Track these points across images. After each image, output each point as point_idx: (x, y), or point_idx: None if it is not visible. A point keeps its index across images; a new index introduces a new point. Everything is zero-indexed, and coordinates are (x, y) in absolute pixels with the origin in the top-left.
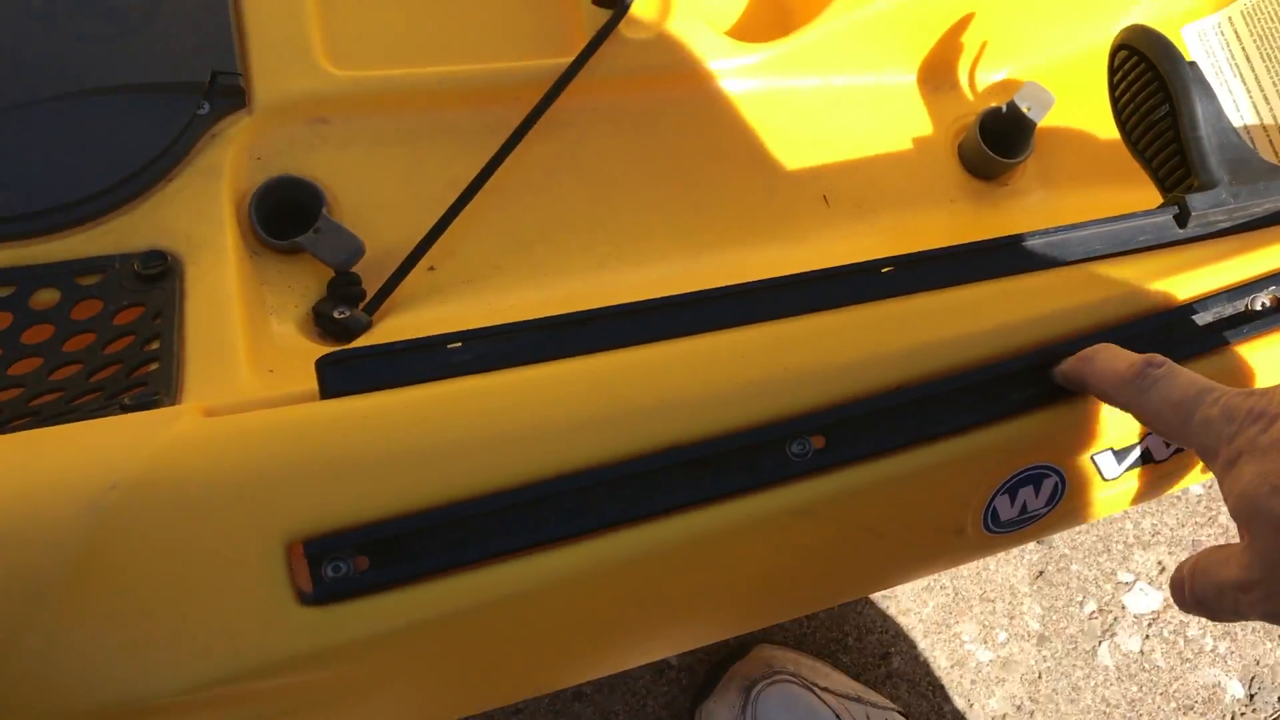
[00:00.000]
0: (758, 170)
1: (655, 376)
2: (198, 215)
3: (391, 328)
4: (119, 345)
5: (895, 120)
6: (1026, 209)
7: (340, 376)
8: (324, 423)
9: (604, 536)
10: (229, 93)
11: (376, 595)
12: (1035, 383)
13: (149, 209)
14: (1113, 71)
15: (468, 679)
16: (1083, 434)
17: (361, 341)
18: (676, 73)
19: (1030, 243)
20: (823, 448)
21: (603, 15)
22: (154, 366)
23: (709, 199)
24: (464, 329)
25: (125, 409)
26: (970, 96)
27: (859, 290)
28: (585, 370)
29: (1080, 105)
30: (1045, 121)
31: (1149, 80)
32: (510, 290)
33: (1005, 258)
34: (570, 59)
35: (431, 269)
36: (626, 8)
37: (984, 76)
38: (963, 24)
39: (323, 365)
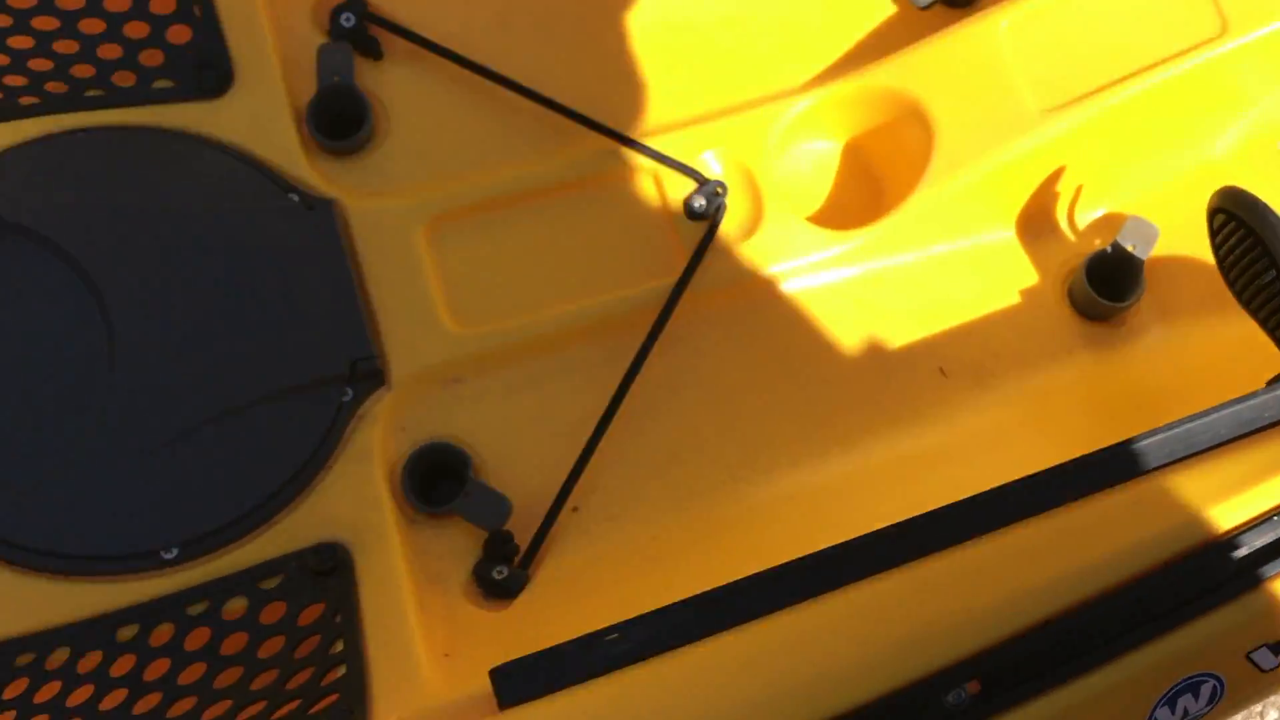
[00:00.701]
0: (869, 354)
1: (805, 645)
2: (357, 500)
3: (548, 577)
4: (308, 647)
5: (1000, 278)
6: (1148, 350)
7: (513, 687)
8: None
9: None
10: (368, 375)
11: None
12: (1189, 593)
13: (313, 502)
14: (1213, 234)
15: None
16: (1240, 637)
17: (525, 595)
18: (777, 273)
19: (1155, 439)
20: (979, 693)
21: (699, 229)
22: (341, 671)
23: (826, 392)
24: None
25: None
26: (1072, 238)
27: (989, 518)
28: (736, 648)
29: (1187, 232)
30: (1153, 253)
31: (1251, 245)
32: (652, 520)
33: (1133, 461)
34: (674, 278)
35: (575, 509)
36: (719, 222)
37: (1084, 216)
38: (1057, 172)
39: (496, 677)
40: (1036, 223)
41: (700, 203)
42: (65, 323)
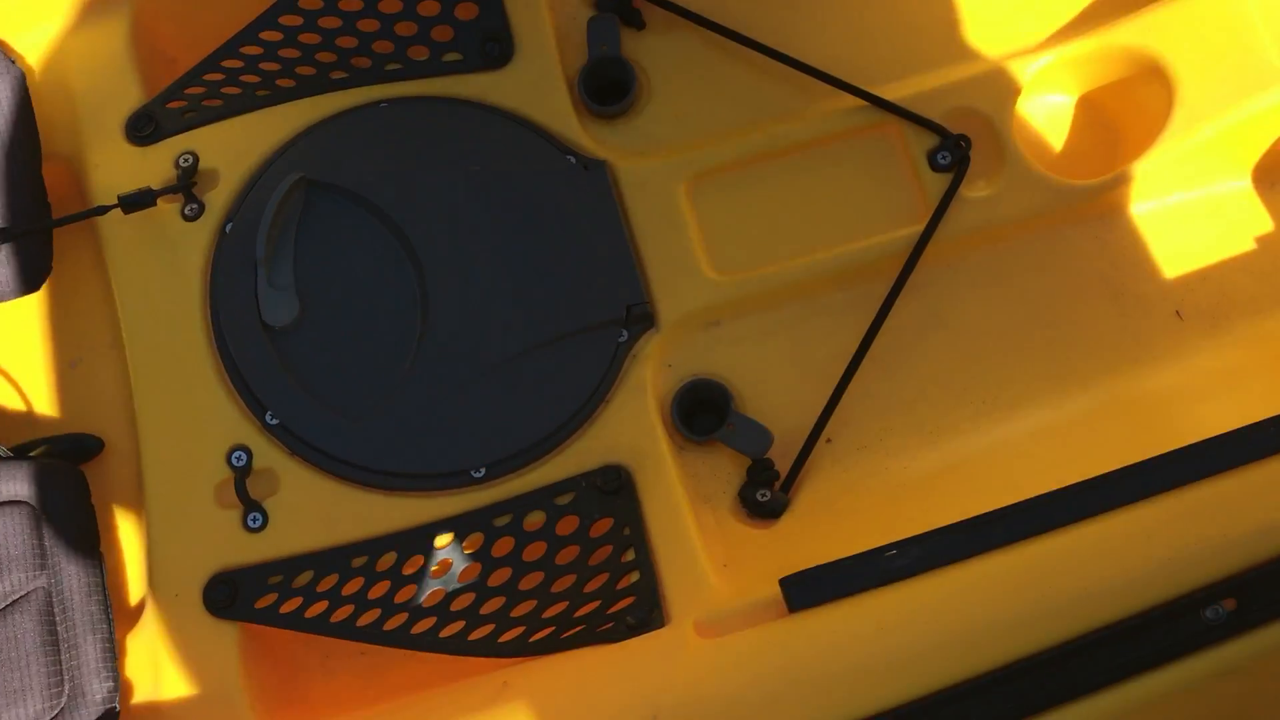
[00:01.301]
0: (1107, 298)
1: (1070, 565)
2: (635, 428)
3: (807, 500)
4: (600, 555)
5: (1236, 226)
6: None
7: (803, 594)
8: (804, 641)
9: (1055, 713)
10: (640, 318)
11: None
12: None
13: (597, 429)
14: None
15: None
16: None
17: (786, 516)
18: (1017, 221)
19: None
20: (1235, 610)
21: (943, 181)
22: (635, 576)
23: (1065, 334)
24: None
25: (631, 628)
26: None
27: (1246, 451)
28: (1006, 567)
29: None
30: None
31: None
32: (902, 452)
33: None
34: (918, 227)
35: (829, 441)
36: (963, 174)
37: None
38: None
39: (786, 585)
40: (1274, 172)
41: (944, 156)
42: (385, 272)
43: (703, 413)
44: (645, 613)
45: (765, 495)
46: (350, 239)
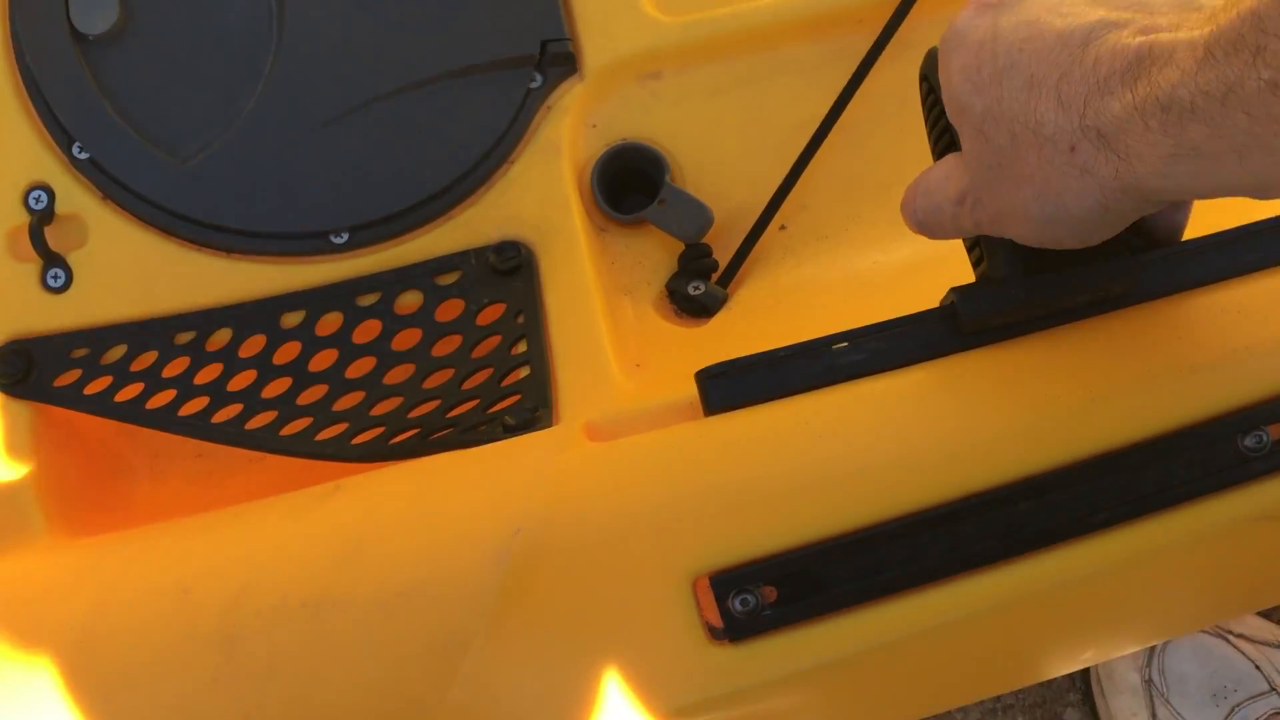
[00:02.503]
0: None
1: (1074, 363)
2: (543, 197)
3: (748, 298)
4: (486, 347)
5: None
6: None
7: (724, 391)
8: (714, 447)
9: (1035, 557)
10: (559, 60)
11: (788, 630)
12: None
13: (495, 196)
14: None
15: (874, 708)
16: None
17: (722, 315)
18: None
19: None
20: None
21: None
22: (525, 372)
23: None
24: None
25: (509, 429)
26: None
27: None
28: (990, 364)
29: None
30: None
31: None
32: (870, 245)
33: None
34: None
35: (783, 228)
36: None
37: None
38: None
39: (704, 379)
40: None
41: None
42: None
43: (632, 186)
44: (529, 412)
45: (699, 288)
46: None
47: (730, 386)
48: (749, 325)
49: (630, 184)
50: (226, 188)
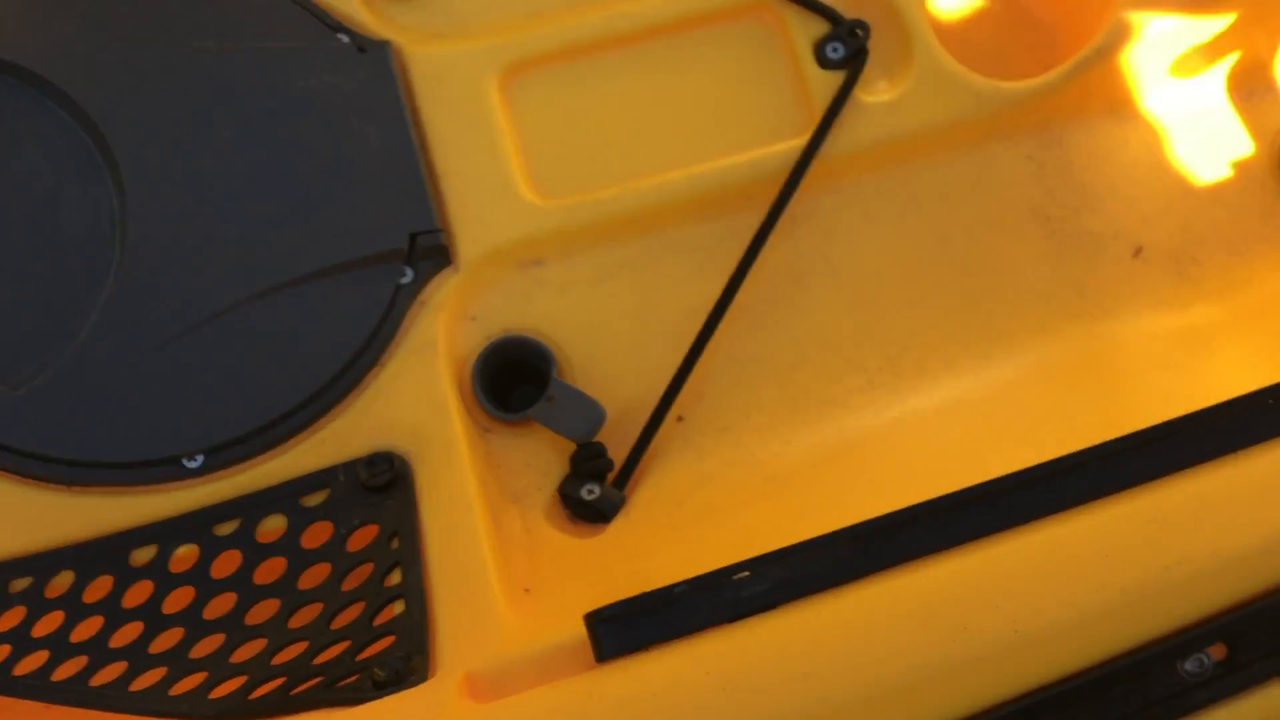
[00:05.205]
0: (1044, 234)
1: (994, 589)
2: (419, 401)
3: (648, 499)
4: (358, 577)
5: (1205, 145)
6: None
7: (617, 636)
8: (614, 705)
9: None
10: (432, 253)
11: None
12: None
13: (366, 403)
14: None
15: None
16: None
17: (620, 520)
18: (929, 134)
19: None
20: (1225, 658)
21: (834, 80)
22: (399, 607)
23: (988, 281)
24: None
25: (379, 685)
26: None
27: (1232, 435)
28: (909, 593)
29: None
30: None
31: None
32: (772, 433)
33: None
34: (802, 141)
35: (680, 419)
36: (859, 70)
37: None
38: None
39: (595, 624)
40: (1252, 79)
41: (835, 48)
42: (67, 183)
43: (517, 381)
44: (401, 663)
45: (593, 492)
46: (21, 134)
47: (624, 631)
48: (649, 532)
49: (517, 376)
50: (64, 415)
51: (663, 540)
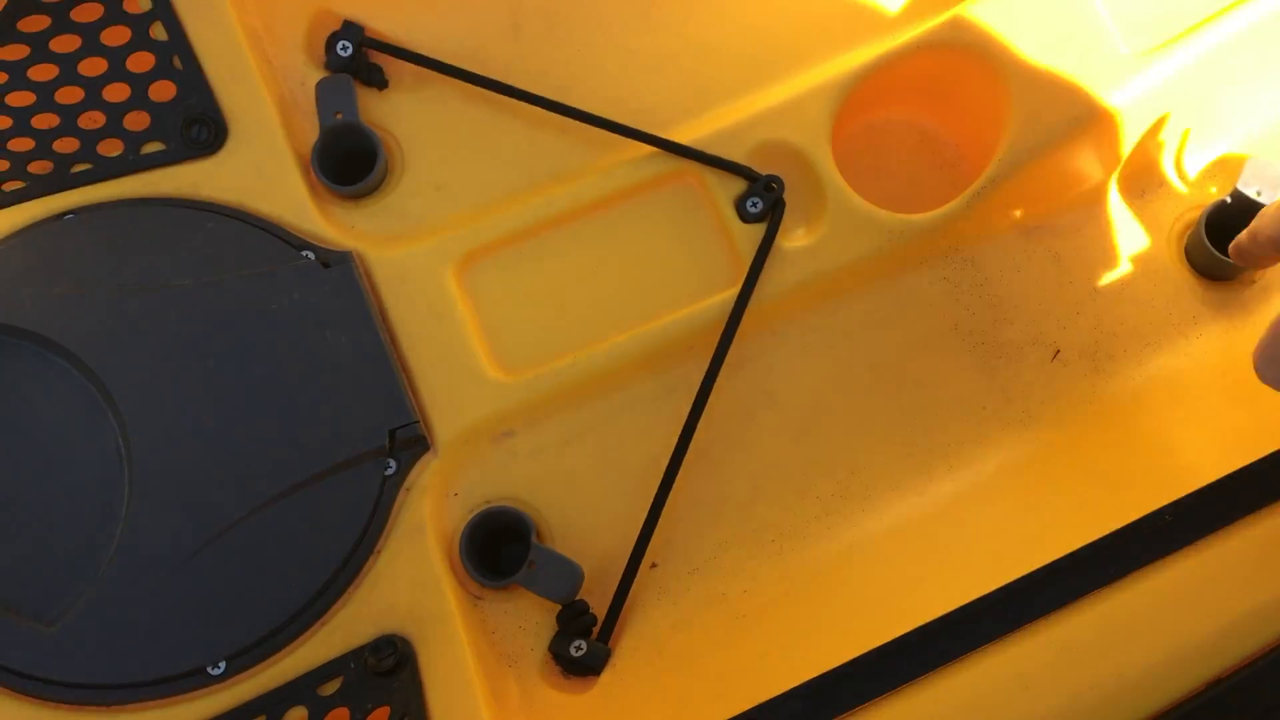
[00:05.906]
0: (968, 348)
1: None
2: (414, 583)
3: (631, 649)
4: None
5: (1108, 247)
6: None
7: None
8: None
9: None
10: (410, 443)
11: None
12: None
13: (366, 591)
14: None
15: None
16: None
17: (608, 673)
18: (849, 270)
19: None
20: None
21: (758, 232)
22: None
23: (923, 398)
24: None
25: None
26: (1185, 190)
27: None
28: None
29: None
30: None
31: None
32: (740, 569)
33: None
34: (735, 291)
35: (654, 566)
36: (778, 221)
37: (1194, 161)
38: (1159, 119)
39: None
40: (1142, 178)
41: (754, 203)
42: (73, 430)
43: (505, 539)
44: None
45: (580, 648)
46: (30, 391)
47: None
48: (634, 685)
49: (502, 538)
50: (96, 643)
51: (647, 693)
